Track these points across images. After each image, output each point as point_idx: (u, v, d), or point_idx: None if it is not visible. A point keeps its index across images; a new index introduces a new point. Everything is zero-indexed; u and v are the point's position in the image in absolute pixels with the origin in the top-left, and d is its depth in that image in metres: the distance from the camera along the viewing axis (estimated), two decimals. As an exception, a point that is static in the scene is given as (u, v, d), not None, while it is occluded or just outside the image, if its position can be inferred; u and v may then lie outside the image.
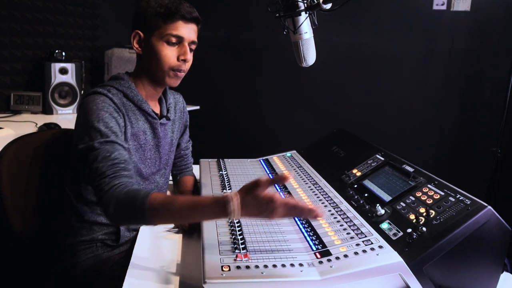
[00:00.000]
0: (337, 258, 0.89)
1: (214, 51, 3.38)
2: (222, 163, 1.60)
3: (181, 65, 1.27)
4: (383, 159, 1.33)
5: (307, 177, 1.43)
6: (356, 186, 1.27)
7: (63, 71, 2.78)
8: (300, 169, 1.51)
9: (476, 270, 0.94)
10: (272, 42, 3.26)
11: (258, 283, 0.83)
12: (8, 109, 2.70)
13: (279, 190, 1.34)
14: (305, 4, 1.15)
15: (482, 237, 0.90)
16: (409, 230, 0.94)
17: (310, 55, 1.24)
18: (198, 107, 3.39)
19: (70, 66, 2.79)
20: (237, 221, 1.07)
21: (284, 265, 0.88)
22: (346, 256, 0.90)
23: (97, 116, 1.14)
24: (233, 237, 0.99)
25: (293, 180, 1.42)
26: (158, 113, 1.37)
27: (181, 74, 1.29)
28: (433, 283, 0.88)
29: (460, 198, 0.97)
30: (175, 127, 1.46)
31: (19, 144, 1.41)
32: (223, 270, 0.85)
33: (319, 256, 0.91)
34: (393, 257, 0.87)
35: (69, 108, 2.83)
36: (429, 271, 0.87)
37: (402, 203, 1.06)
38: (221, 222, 1.07)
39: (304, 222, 1.08)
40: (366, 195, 1.19)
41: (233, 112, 3.54)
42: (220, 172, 1.50)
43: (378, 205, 1.07)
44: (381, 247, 0.91)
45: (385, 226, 1.00)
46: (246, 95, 3.51)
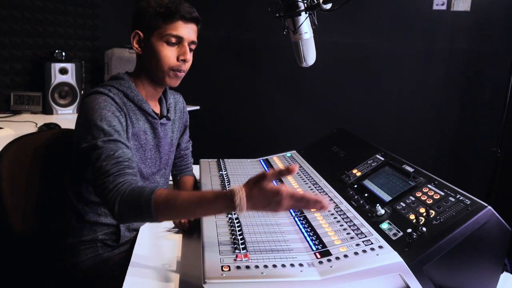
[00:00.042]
0: (337, 258, 0.89)
1: (214, 51, 3.38)
2: (222, 163, 1.60)
3: (181, 65, 1.27)
4: (383, 159, 1.33)
5: (307, 177, 1.43)
6: (356, 186, 1.27)
7: (63, 71, 2.78)
8: (300, 169, 1.51)
9: (476, 270, 0.94)
10: (272, 42, 3.26)
11: (258, 283, 0.83)
12: (8, 109, 2.70)
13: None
14: (305, 4, 1.15)
15: (482, 237, 0.90)
16: (409, 230, 0.94)
17: (310, 55, 1.24)
18: (198, 107, 3.39)
19: (70, 66, 2.79)
20: (237, 221, 1.07)
21: (284, 265, 0.88)
22: (346, 256, 0.90)
23: (99, 115, 1.14)
24: (233, 237, 0.99)
25: (293, 180, 1.42)
26: (158, 113, 1.37)
27: (181, 74, 1.29)
28: (433, 283, 0.88)
29: (460, 198, 0.97)
30: (175, 127, 1.46)
31: (19, 144, 1.41)
32: (223, 270, 0.85)
33: (319, 256, 0.91)
34: (393, 257, 0.87)
35: (69, 108, 2.83)
36: (429, 271, 0.87)
37: (402, 203, 1.06)
38: (221, 222, 1.07)
39: (304, 222, 1.08)
40: (366, 195, 1.19)
41: (233, 112, 3.54)
42: (220, 172, 1.50)
43: (378, 205, 1.07)
44: (381, 247, 0.91)
45: (385, 226, 1.00)
46: (246, 95, 3.51)
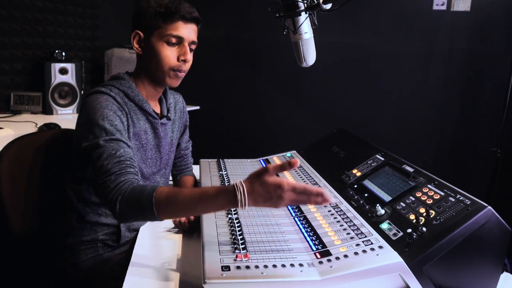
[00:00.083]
0: (337, 258, 0.89)
1: (214, 51, 3.38)
2: (222, 163, 1.60)
3: (181, 66, 1.27)
4: (383, 159, 1.33)
5: (307, 177, 1.43)
6: (356, 186, 1.27)
7: (63, 71, 2.78)
8: (300, 169, 1.51)
9: (476, 270, 0.94)
10: (272, 42, 3.26)
11: (258, 283, 0.83)
12: (8, 109, 2.70)
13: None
14: (305, 4, 1.15)
15: (482, 237, 0.90)
16: (409, 230, 0.94)
17: (310, 55, 1.24)
18: (198, 107, 3.39)
19: (70, 66, 2.79)
20: (237, 221, 1.07)
21: (284, 265, 0.88)
22: (346, 256, 0.90)
23: (101, 114, 1.14)
24: (233, 237, 0.99)
25: (293, 180, 1.42)
26: (159, 113, 1.37)
27: (181, 75, 1.29)
28: (433, 283, 0.88)
29: (460, 198, 0.97)
30: (175, 127, 1.46)
31: (19, 144, 1.41)
32: (223, 270, 0.85)
33: (319, 256, 0.91)
34: (393, 257, 0.87)
35: (69, 108, 2.82)
36: (429, 271, 0.87)
37: (402, 203, 1.06)
38: (221, 222, 1.07)
39: (304, 222, 1.08)
40: (366, 195, 1.19)
41: (233, 112, 3.54)
42: (220, 172, 1.50)
43: (378, 205, 1.07)
44: (381, 247, 0.91)
45: (385, 226, 1.00)
46: (246, 95, 3.51)
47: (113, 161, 1.06)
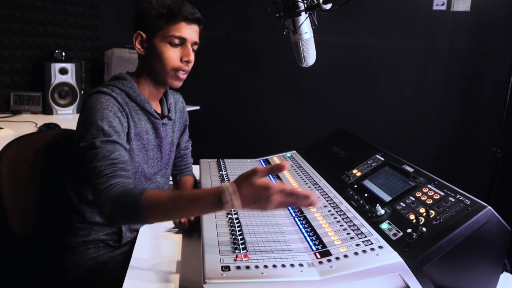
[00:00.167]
0: (337, 258, 0.89)
1: (214, 51, 3.38)
2: (222, 163, 1.60)
3: (184, 66, 1.27)
4: (383, 159, 1.33)
5: (307, 177, 1.43)
6: (356, 186, 1.27)
7: (63, 71, 2.78)
8: (300, 169, 1.51)
9: (476, 270, 0.94)
10: (272, 42, 3.26)
11: (258, 283, 0.83)
12: (8, 109, 2.70)
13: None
14: (305, 4, 1.15)
15: (482, 237, 0.90)
16: (409, 230, 0.94)
17: (310, 55, 1.24)
18: (198, 107, 3.39)
19: (70, 66, 2.79)
20: (237, 221, 1.07)
21: (284, 265, 0.88)
22: (346, 256, 0.90)
23: (101, 114, 1.14)
24: (233, 237, 0.99)
25: (293, 180, 1.42)
26: (160, 113, 1.37)
27: (184, 75, 1.29)
28: (433, 283, 0.88)
29: (460, 198, 0.97)
30: (175, 127, 1.46)
31: (19, 144, 1.41)
32: (223, 270, 0.85)
33: (319, 256, 0.91)
34: (393, 257, 0.87)
35: (69, 108, 2.83)
36: (429, 271, 0.87)
37: (402, 203, 1.06)
38: (221, 222, 1.07)
39: (304, 222, 1.08)
40: (366, 195, 1.19)
41: (233, 112, 3.54)
42: (220, 172, 1.50)
43: (378, 205, 1.07)
44: (381, 247, 0.91)
45: (385, 226, 1.00)
46: (246, 95, 3.51)
47: (106, 163, 1.06)
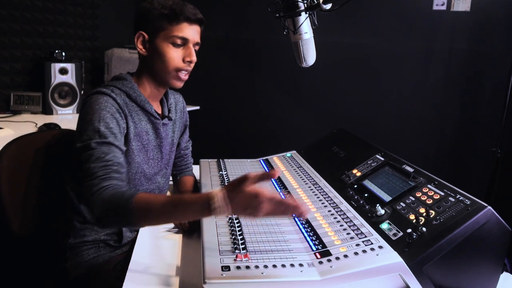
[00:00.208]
0: (337, 258, 0.89)
1: (214, 51, 3.38)
2: (222, 163, 1.60)
3: (186, 66, 1.27)
4: (383, 159, 1.33)
5: (307, 177, 1.43)
6: (356, 186, 1.27)
7: (63, 71, 2.78)
8: (300, 169, 1.51)
9: (476, 270, 0.94)
10: (272, 42, 3.26)
11: (258, 283, 0.83)
12: (8, 109, 2.70)
13: (279, 191, 1.34)
14: (305, 4, 1.15)
15: (482, 237, 0.90)
16: (409, 230, 0.94)
17: (310, 55, 1.24)
18: (198, 107, 3.39)
19: (70, 66, 2.79)
20: (237, 221, 1.07)
21: (284, 265, 0.88)
22: (346, 256, 0.90)
23: (98, 115, 1.14)
24: (233, 237, 0.99)
25: (293, 180, 1.42)
26: (160, 114, 1.37)
27: (186, 76, 1.30)
28: (433, 283, 0.88)
29: (460, 198, 0.97)
30: (175, 127, 1.46)
31: (19, 144, 1.41)
32: (223, 270, 0.85)
33: (319, 256, 0.91)
34: (393, 257, 0.87)
35: (69, 108, 2.83)
36: (429, 271, 0.87)
37: (402, 203, 1.06)
38: (221, 222, 1.07)
39: (304, 222, 1.08)
40: (366, 195, 1.19)
41: (233, 112, 3.54)
42: (220, 172, 1.50)
43: (378, 205, 1.07)
44: (381, 247, 0.91)
45: (385, 226, 1.00)
46: (246, 95, 3.51)
47: (99, 164, 1.05)
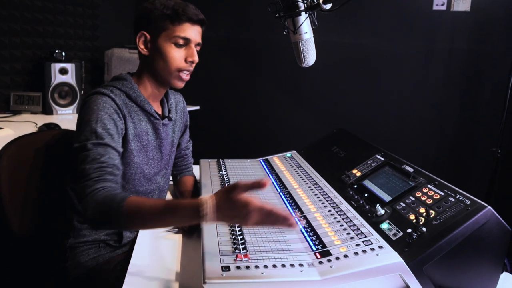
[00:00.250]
0: (337, 258, 0.89)
1: (214, 51, 3.38)
2: (222, 163, 1.60)
3: (188, 67, 1.28)
4: (383, 159, 1.33)
5: (307, 177, 1.43)
6: (356, 186, 1.27)
7: (63, 71, 2.78)
8: (300, 169, 1.51)
9: (476, 270, 0.94)
10: (272, 42, 3.26)
11: (258, 283, 0.83)
12: (8, 109, 2.70)
13: (279, 191, 1.34)
14: (305, 4, 1.15)
15: (482, 237, 0.90)
16: (409, 230, 0.94)
17: (310, 55, 1.24)
18: (198, 107, 3.39)
19: (70, 66, 2.79)
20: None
21: (284, 265, 0.88)
22: (346, 256, 0.90)
23: (96, 116, 1.14)
24: (233, 237, 0.98)
25: (293, 180, 1.42)
26: (160, 114, 1.37)
27: (187, 76, 1.30)
28: (433, 283, 0.88)
29: (460, 198, 0.97)
30: (176, 127, 1.46)
31: (19, 144, 1.41)
32: (223, 270, 0.85)
33: (319, 256, 0.91)
34: (393, 257, 0.87)
35: (69, 108, 2.83)
36: (429, 271, 0.87)
37: (402, 203, 1.06)
38: (221, 222, 1.07)
39: (304, 222, 1.08)
40: (366, 195, 1.19)
41: (233, 112, 3.54)
42: (220, 172, 1.50)
43: (378, 205, 1.07)
44: (381, 247, 0.91)
45: (385, 226, 1.00)
46: (246, 95, 3.51)
47: (94, 166, 1.05)
